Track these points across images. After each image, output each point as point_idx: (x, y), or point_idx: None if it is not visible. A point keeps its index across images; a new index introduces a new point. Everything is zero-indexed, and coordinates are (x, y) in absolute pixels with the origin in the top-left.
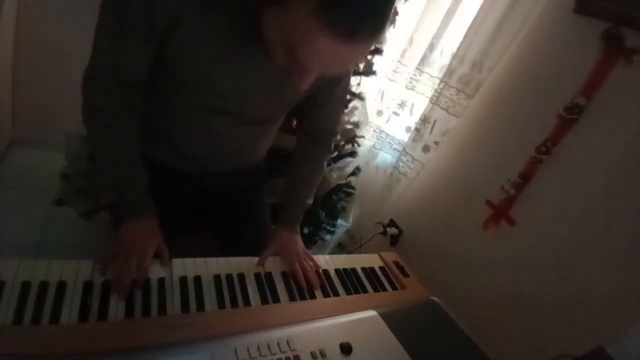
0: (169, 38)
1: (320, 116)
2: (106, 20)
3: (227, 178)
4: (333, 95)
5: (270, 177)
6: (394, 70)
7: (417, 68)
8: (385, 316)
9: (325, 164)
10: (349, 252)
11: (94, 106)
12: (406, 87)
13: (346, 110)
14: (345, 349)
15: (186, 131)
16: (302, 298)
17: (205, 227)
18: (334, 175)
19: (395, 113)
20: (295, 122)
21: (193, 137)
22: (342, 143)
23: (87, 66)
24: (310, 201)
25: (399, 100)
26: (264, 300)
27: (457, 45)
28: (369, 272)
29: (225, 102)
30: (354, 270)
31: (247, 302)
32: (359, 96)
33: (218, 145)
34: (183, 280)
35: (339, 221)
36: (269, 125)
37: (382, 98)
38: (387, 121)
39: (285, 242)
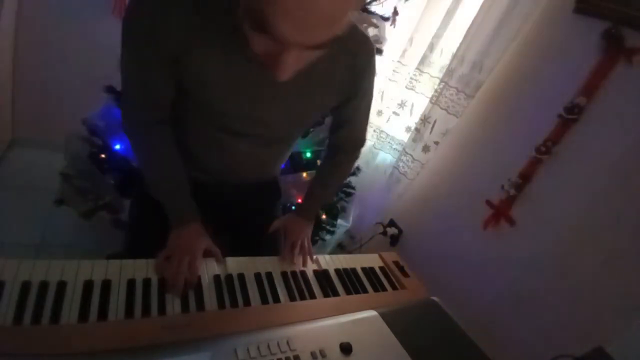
0: (182, 64)
1: (348, 130)
2: (124, 54)
3: (243, 191)
4: (358, 113)
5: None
6: (394, 70)
7: (417, 68)
8: (385, 316)
9: (348, 167)
10: (349, 252)
11: (133, 129)
12: (406, 87)
13: None
14: (345, 349)
15: (206, 150)
16: (302, 298)
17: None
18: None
19: (395, 113)
20: None
21: (213, 157)
22: None
23: (121, 95)
24: (330, 200)
25: (399, 100)
26: (264, 300)
27: (457, 45)
28: (369, 272)
29: (245, 124)
30: (354, 270)
31: (247, 302)
32: None
33: (237, 164)
34: None
35: (339, 221)
36: (287, 143)
37: (382, 98)
38: (387, 121)
39: (294, 223)
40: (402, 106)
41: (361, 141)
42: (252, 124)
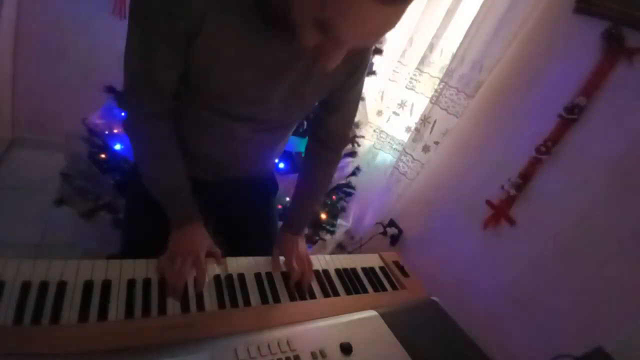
0: (193, 43)
1: (335, 120)
2: (133, 36)
3: (240, 187)
4: (348, 98)
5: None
6: (394, 70)
7: (417, 68)
8: (385, 316)
9: (334, 171)
10: (349, 252)
11: (134, 120)
12: (406, 87)
13: None
14: (345, 349)
15: (206, 138)
16: (302, 298)
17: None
18: (334, 175)
19: (395, 113)
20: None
21: (213, 144)
22: None
23: (123, 82)
24: (317, 206)
25: (399, 100)
26: (264, 300)
27: (457, 45)
28: (369, 272)
29: (247, 106)
30: (354, 270)
31: (247, 302)
32: None
33: (237, 152)
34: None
35: (339, 221)
36: (286, 130)
37: (382, 98)
38: (387, 121)
39: (287, 243)
40: (402, 106)
41: (346, 137)
42: (252, 106)
